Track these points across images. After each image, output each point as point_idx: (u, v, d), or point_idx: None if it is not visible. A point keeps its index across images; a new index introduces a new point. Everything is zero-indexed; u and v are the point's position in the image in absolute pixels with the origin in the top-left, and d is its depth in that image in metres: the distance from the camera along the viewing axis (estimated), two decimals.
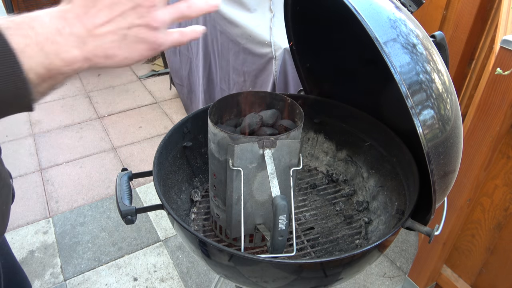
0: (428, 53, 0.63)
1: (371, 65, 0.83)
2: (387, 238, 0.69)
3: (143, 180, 2.21)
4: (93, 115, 2.84)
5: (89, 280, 1.66)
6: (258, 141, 0.72)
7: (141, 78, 3.34)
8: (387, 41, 0.59)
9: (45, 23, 0.38)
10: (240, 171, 0.73)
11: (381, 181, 0.97)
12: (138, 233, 1.89)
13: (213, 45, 1.96)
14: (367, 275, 1.67)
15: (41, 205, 2.05)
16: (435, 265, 1.41)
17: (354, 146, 1.06)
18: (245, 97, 0.88)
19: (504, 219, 1.20)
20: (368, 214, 0.98)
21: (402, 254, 1.77)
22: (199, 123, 0.98)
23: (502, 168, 1.14)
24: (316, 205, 1.02)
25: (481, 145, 1.11)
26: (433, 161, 0.61)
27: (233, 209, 0.81)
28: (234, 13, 1.77)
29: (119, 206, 0.74)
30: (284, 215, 0.64)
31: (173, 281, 1.65)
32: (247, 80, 1.78)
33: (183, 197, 0.97)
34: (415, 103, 0.59)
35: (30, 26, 0.37)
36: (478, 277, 1.35)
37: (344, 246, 0.91)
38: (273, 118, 0.85)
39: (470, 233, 1.32)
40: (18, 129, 2.68)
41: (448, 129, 0.63)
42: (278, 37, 1.58)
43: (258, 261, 0.65)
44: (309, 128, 1.11)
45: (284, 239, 0.66)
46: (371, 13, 0.60)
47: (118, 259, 1.76)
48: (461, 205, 1.23)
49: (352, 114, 1.03)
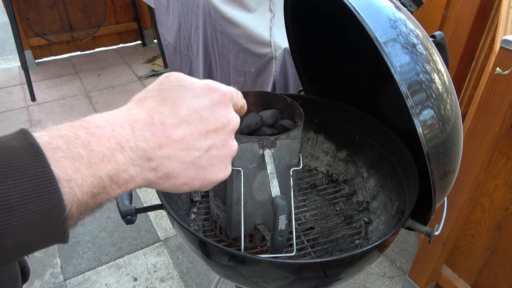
0: (428, 53, 0.63)
1: (371, 65, 0.83)
2: (387, 238, 0.69)
3: None
4: None
5: (89, 280, 1.66)
6: (258, 141, 0.72)
7: (141, 78, 3.34)
8: (387, 41, 0.59)
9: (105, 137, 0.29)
10: (240, 171, 0.73)
11: (381, 181, 0.97)
12: (138, 233, 1.89)
13: (213, 45, 1.96)
14: (367, 275, 1.67)
15: None
16: (435, 265, 1.41)
17: (354, 146, 1.06)
18: (245, 97, 0.88)
19: (504, 219, 1.20)
20: (368, 214, 0.98)
21: (402, 254, 1.77)
22: None
23: (502, 168, 1.14)
24: (316, 205, 1.02)
25: (481, 145, 1.11)
26: (433, 161, 0.61)
27: (233, 209, 0.81)
28: (234, 13, 1.77)
29: (119, 206, 0.74)
30: (284, 215, 0.64)
31: (173, 281, 1.65)
32: (247, 80, 1.78)
33: (183, 197, 0.97)
34: (415, 103, 0.59)
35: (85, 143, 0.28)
36: (478, 277, 1.35)
37: (344, 246, 0.91)
38: (273, 118, 0.85)
39: (470, 233, 1.32)
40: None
41: (448, 129, 0.63)
42: (278, 37, 1.58)
43: (258, 261, 0.65)
44: (309, 128, 1.11)
45: (284, 239, 0.66)
46: (371, 13, 0.60)
47: (118, 259, 1.76)
48: (461, 205, 1.23)
49: (352, 114, 1.03)
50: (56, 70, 3.46)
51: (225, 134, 0.36)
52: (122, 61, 3.64)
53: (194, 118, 0.34)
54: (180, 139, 0.33)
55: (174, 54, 2.53)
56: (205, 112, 0.35)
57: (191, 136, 0.33)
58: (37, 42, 3.40)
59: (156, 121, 0.32)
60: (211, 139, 0.35)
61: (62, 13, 3.34)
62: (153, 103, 0.33)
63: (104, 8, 3.46)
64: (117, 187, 0.30)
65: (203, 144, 0.34)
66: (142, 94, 0.35)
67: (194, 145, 0.34)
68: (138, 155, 0.31)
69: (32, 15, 3.20)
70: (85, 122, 0.30)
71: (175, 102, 0.33)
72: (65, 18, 3.37)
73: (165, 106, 0.33)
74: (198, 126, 0.34)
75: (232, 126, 0.37)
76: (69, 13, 3.36)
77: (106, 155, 0.29)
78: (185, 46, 2.32)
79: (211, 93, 0.36)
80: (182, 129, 0.33)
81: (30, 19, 3.20)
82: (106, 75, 3.39)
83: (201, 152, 0.34)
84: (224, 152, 0.37)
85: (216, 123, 0.35)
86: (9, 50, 3.99)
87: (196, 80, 0.36)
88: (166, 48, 2.58)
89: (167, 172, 0.33)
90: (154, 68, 3.46)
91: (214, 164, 0.36)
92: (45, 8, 3.24)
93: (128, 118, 0.31)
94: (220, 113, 0.36)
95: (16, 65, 3.55)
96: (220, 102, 0.36)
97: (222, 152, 0.36)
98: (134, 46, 3.91)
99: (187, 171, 0.34)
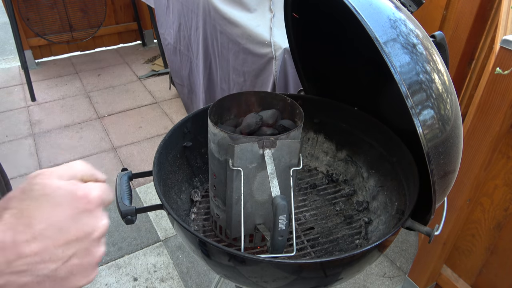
0: (428, 53, 0.63)
1: (371, 65, 0.83)
2: (387, 238, 0.69)
3: (143, 180, 2.21)
4: (93, 115, 2.84)
5: None
6: (258, 141, 0.72)
7: (141, 78, 3.34)
8: (387, 41, 0.59)
9: None
10: (240, 171, 0.73)
11: (381, 181, 0.97)
12: (138, 233, 1.88)
13: (213, 45, 1.96)
14: (367, 275, 1.67)
15: None
16: (435, 265, 1.41)
17: (354, 146, 1.06)
18: (245, 97, 0.88)
19: (504, 219, 1.20)
20: (368, 214, 0.98)
21: (402, 254, 1.77)
22: (199, 123, 0.98)
23: (502, 168, 1.14)
24: (316, 205, 1.02)
25: (481, 145, 1.10)
26: (433, 161, 0.61)
27: (233, 209, 0.81)
28: (234, 13, 1.77)
29: (119, 206, 0.74)
30: (284, 215, 0.64)
31: (173, 281, 1.65)
32: (247, 80, 1.78)
33: (183, 197, 0.97)
34: (415, 103, 0.59)
35: None
36: (478, 277, 1.35)
37: (344, 246, 0.91)
38: (273, 118, 0.85)
39: (470, 233, 1.32)
40: (18, 129, 2.68)
41: (448, 129, 0.63)
42: (278, 37, 1.58)
43: (258, 261, 0.65)
44: (309, 128, 1.11)
45: (284, 239, 0.66)
46: (371, 13, 0.60)
47: (118, 259, 1.76)
48: (461, 205, 1.23)
49: (352, 114, 1.03)
50: (56, 70, 3.46)
51: (88, 242, 0.36)
52: (122, 61, 3.64)
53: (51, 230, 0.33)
54: (33, 254, 0.32)
55: (174, 54, 2.53)
56: (66, 223, 0.34)
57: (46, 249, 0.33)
58: (37, 42, 3.40)
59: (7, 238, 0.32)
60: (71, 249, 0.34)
61: (62, 13, 3.34)
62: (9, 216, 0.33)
63: (104, 8, 3.46)
64: None
65: (60, 256, 0.34)
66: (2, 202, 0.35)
67: (50, 258, 0.33)
68: None
69: (32, 15, 3.20)
70: None
71: (32, 215, 0.33)
72: (65, 18, 3.37)
73: (21, 219, 0.33)
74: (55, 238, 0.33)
75: (98, 233, 0.36)
76: (69, 13, 3.36)
77: None
78: (185, 46, 2.32)
79: (74, 202, 0.35)
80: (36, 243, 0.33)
81: (30, 19, 3.20)
82: (106, 75, 3.39)
83: (59, 264, 0.34)
84: (86, 260, 0.36)
85: (77, 233, 0.35)
86: (9, 50, 3.99)
87: (61, 186, 0.35)
88: (166, 48, 2.58)
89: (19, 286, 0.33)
90: (154, 68, 3.46)
91: (75, 274, 0.36)
92: (45, 8, 3.24)
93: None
94: (83, 222, 0.35)
95: (16, 65, 3.55)
96: (85, 210, 0.35)
97: (84, 260, 0.36)
98: (134, 46, 3.91)
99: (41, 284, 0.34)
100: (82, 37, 3.51)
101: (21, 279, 0.33)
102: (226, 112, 0.89)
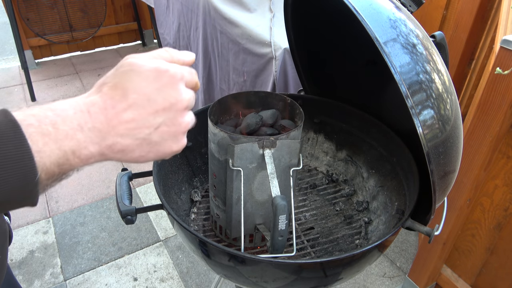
0: (428, 53, 0.63)
1: (371, 65, 0.83)
2: (387, 238, 0.69)
3: (143, 180, 2.21)
4: None
5: (89, 280, 1.66)
6: (258, 141, 0.72)
7: None
8: (387, 41, 0.59)
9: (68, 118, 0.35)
10: (240, 171, 0.73)
11: (381, 181, 0.97)
12: (138, 233, 1.88)
13: (213, 45, 1.96)
14: (367, 275, 1.67)
15: (41, 205, 2.05)
16: (435, 265, 1.41)
17: (354, 146, 1.06)
18: (245, 97, 0.88)
19: (504, 219, 1.20)
20: (368, 214, 0.98)
21: (402, 254, 1.77)
22: (199, 123, 0.97)
23: (502, 168, 1.14)
24: (316, 205, 1.02)
25: (481, 145, 1.11)
26: (433, 161, 0.61)
27: (233, 209, 0.81)
28: (234, 13, 1.76)
29: (119, 206, 0.74)
30: (284, 215, 0.64)
31: (173, 281, 1.65)
32: (247, 80, 1.78)
33: (183, 197, 0.97)
34: (415, 103, 0.59)
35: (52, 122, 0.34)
36: (478, 277, 1.35)
37: (344, 246, 0.91)
38: (273, 118, 0.85)
39: (470, 233, 1.32)
40: None
41: (448, 129, 0.63)
42: (278, 37, 1.58)
43: (258, 261, 0.65)
44: (309, 128, 1.11)
45: (284, 239, 0.66)
46: (371, 13, 0.60)
47: (118, 259, 1.76)
48: (461, 205, 1.23)
49: (352, 114, 1.03)
50: (56, 70, 3.46)
51: (173, 112, 0.40)
52: None
53: (142, 100, 0.38)
54: (130, 120, 0.37)
55: None
56: (153, 94, 0.38)
57: (140, 116, 0.38)
58: (37, 42, 3.40)
59: (108, 106, 0.37)
60: (160, 118, 0.39)
61: (62, 13, 3.34)
62: (107, 89, 0.38)
63: (104, 8, 3.46)
64: (80, 160, 0.36)
65: (152, 123, 0.38)
66: (101, 80, 0.39)
67: (144, 124, 0.38)
68: (95, 135, 0.36)
69: (32, 15, 3.20)
70: (53, 105, 0.36)
71: (125, 87, 0.38)
72: (65, 18, 3.37)
73: (116, 91, 0.37)
74: (146, 107, 0.38)
75: (182, 104, 0.40)
76: (69, 13, 3.36)
77: (69, 134, 0.35)
78: (184, 46, 2.32)
79: (159, 75, 0.39)
80: (131, 111, 0.37)
81: (30, 19, 3.20)
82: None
83: (151, 129, 0.39)
84: (174, 128, 0.40)
85: (163, 103, 0.39)
86: (9, 50, 3.99)
87: (146, 63, 0.39)
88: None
89: (122, 148, 0.38)
90: None
91: (166, 139, 0.40)
92: (45, 8, 3.24)
93: (87, 103, 0.37)
94: (168, 93, 0.39)
95: (16, 65, 3.55)
96: (168, 83, 0.39)
97: (172, 128, 0.40)
98: (134, 46, 3.91)
99: (141, 146, 0.39)
100: (82, 37, 3.51)
101: (124, 141, 0.38)
102: (226, 112, 0.89)
